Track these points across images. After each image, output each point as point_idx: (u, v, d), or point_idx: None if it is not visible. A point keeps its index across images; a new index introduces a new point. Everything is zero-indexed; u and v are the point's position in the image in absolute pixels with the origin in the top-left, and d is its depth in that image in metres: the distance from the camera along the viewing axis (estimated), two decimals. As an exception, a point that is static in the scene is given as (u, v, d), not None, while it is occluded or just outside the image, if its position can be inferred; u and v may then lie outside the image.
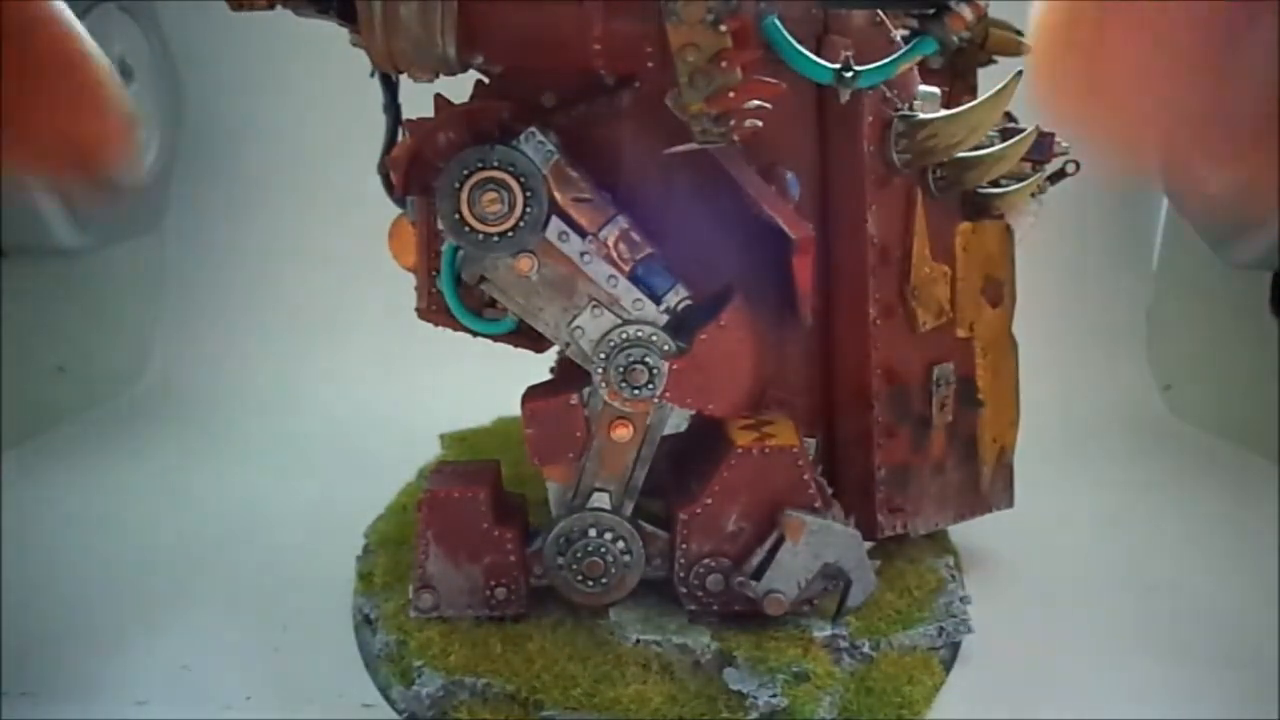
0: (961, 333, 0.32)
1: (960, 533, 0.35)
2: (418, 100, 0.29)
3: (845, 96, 0.25)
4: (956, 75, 0.37)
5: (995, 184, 0.32)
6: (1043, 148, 0.31)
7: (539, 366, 0.35)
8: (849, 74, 0.24)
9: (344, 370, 0.53)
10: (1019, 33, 0.37)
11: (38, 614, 0.32)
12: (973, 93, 0.37)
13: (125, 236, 0.56)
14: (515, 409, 0.29)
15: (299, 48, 0.33)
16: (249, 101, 0.60)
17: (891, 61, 0.25)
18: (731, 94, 0.23)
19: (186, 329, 0.58)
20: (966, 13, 0.23)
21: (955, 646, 0.30)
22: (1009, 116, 0.32)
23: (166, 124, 0.60)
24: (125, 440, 0.50)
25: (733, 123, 0.24)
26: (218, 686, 0.29)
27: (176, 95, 0.60)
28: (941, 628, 0.29)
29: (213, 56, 0.59)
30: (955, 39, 0.24)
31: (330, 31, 0.27)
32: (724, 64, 0.22)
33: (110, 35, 0.53)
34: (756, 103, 0.23)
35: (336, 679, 0.29)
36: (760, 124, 0.24)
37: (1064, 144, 0.32)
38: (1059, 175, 0.33)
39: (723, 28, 0.22)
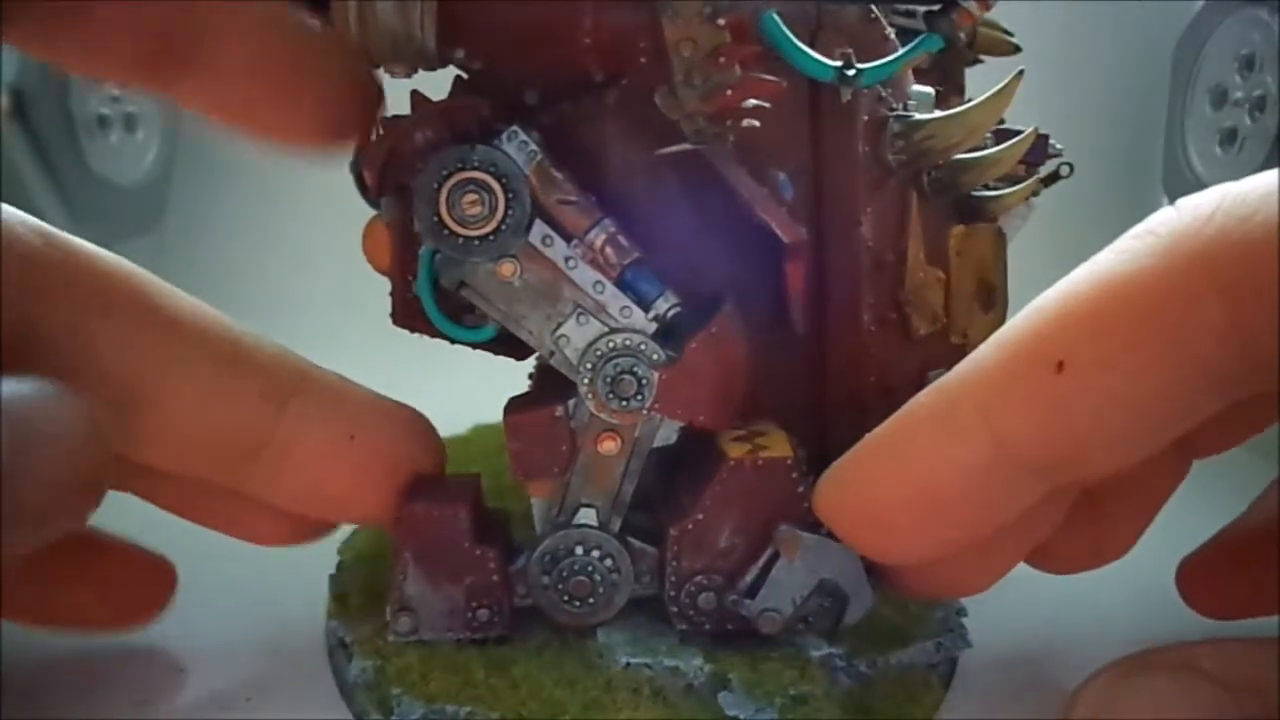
0: (955, 338, 0.31)
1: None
2: (394, 96, 0.28)
3: (847, 95, 0.24)
4: (945, 76, 0.36)
5: (988, 187, 0.31)
6: (1038, 150, 0.31)
7: (517, 374, 0.34)
8: (851, 72, 0.23)
9: (357, 364, 0.53)
10: (1008, 32, 0.37)
11: None
12: (960, 93, 0.36)
13: (124, 236, 0.55)
14: (493, 417, 0.28)
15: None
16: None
17: (895, 59, 0.24)
18: (729, 92, 0.22)
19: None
20: (976, 9, 0.22)
21: (953, 662, 0.29)
22: (1000, 119, 0.32)
23: (166, 124, 0.59)
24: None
25: (729, 122, 0.23)
26: (218, 687, 0.28)
27: (176, 95, 0.59)
28: (939, 643, 0.28)
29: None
30: (962, 36, 0.23)
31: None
32: (721, 60, 0.21)
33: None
34: (754, 102, 0.22)
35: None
36: (757, 124, 0.23)
37: (1059, 146, 0.32)
38: (1053, 178, 0.32)
39: (720, 22, 0.21)
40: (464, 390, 0.40)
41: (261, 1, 0.24)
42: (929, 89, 0.30)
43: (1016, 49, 0.37)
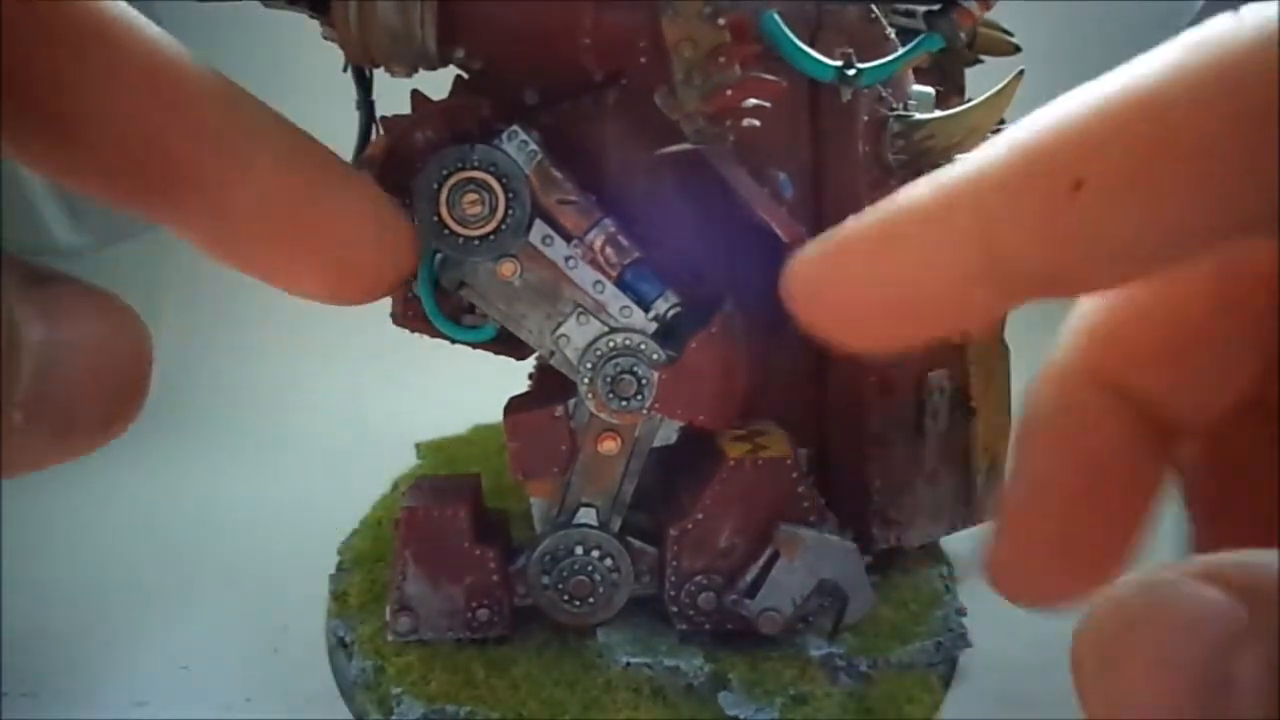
0: (955, 338, 0.31)
1: (950, 542, 0.35)
2: (394, 96, 0.27)
3: (847, 95, 0.24)
4: (945, 75, 0.36)
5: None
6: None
7: (517, 374, 0.34)
8: (851, 71, 0.23)
9: (358, 364, 0.53)
10: (1008, 32, 0.37)
11: (38, 614, 0.32)
12: (960, 93, 0.36)
13: (125, 236, 0.55)
14: (492, 416, 0.28)
15: (299, 48, 0.32)
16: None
17: (895, 59, 0.24)
18: (729, 92, 0.22)
19: (186, 329, 0.57)
20: (976, 9, 0.22)
21: (953, 662, 0.29)
22: (1000, 119, 0.32)
23: None
24: (125, 440, 0.49)
25: (729, 122, 0.23)
26: (218, 687, 0.29)
27: (176, 95, 0.59)
28: (939, 643, 0.28)
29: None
30: (962, 36, 0.23)
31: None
32: (722, 60, 0.21)
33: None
34: (754, 102, 0.22)
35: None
36: (758, 123, 0.23)
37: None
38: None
39: (721, 22, 0.21)
40: (464, 390, 0.40)
41: (282, 130, 0.20)
42: (929, 89, 0.30)
43: (1016, 49, 0.37)
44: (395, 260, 0.21)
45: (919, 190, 0.19)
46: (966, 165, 0.18)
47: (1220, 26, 0.15)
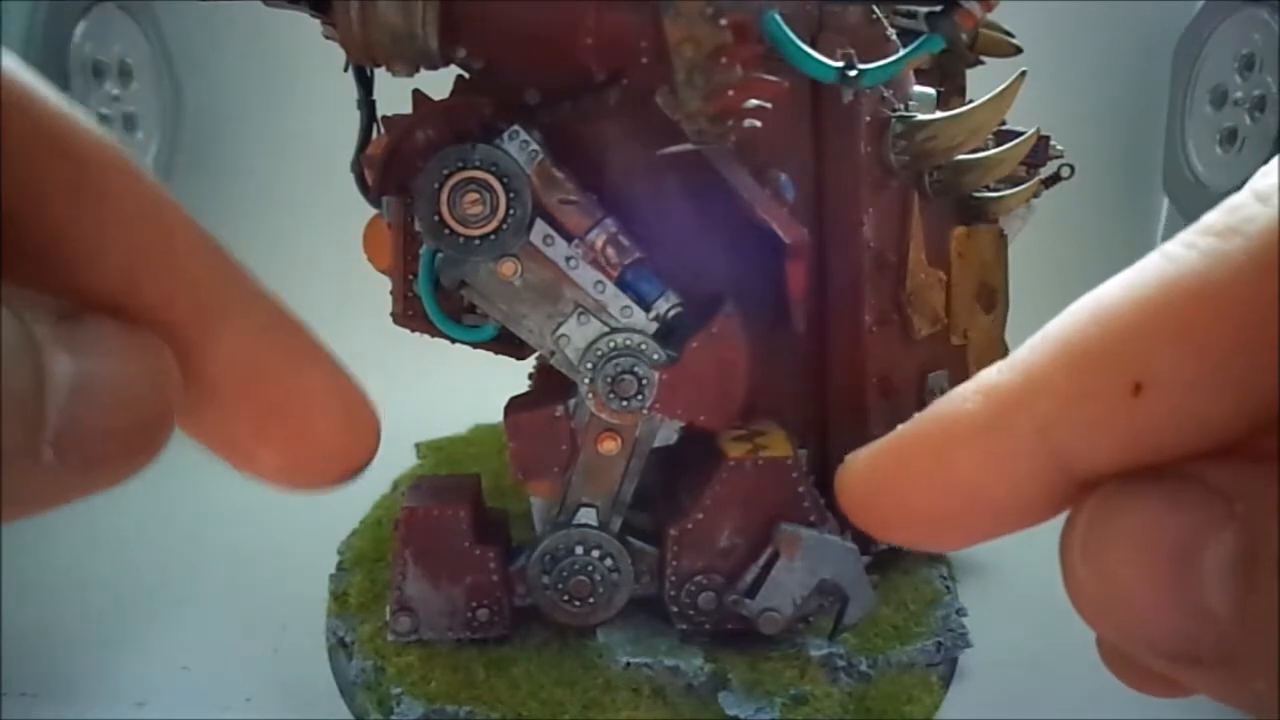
0: (956, 340, 0.31)
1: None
2: (395, 96, 0.27)
3: (849, 96, 0.24)
4: (946, 76, 0.36)
5: (989, 188, 0.31)
6: (1039, 151, 0.30)
7: (517, 374, 0.34)
8: (853, 72, 0.23)
9: (357, 364, 0.53)
10: (1008, 33, 0.37)
11: (38, 614, 0.32)
12: (962, 94, 0.36)
13: None
14: (493, 416, 0.28)
15: (299, 48, 0.32)
16: (248, 101, 0.59)
17: (897, 60, 0.24)
18: (731, 92, 0.22)
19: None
20: (978, 10, 0.22)
21: (953, 663, 0.29)
22: (1001, 120, 0.32)
23: (166, 124, 0.60)
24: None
25: (731, 123, 0.23)
26: (217, 687, 0.29)
27: (176, 95, 0.60)
28: (939, 643, 0.28)
29: (212, 56, 0.58)
30: (965, 37, 0.23)
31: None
32: (723, 60, 0.21)
33: (110, 35, 0.52)
34: (756, 102, 0.22)
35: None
36: (759, 124, 0.23)
37: (1059, 147, 0.31)
38: (1054, 179, 0.32)
39: (723, 22, 0.21)
40: (464, 390, 0.40)
41: (260, 292, 0.18)
42: (930, 90, 0.30)
43: (1018, 50, 0.37)
44: (355, 444, 0.19)
45: (967, 399, 0.18)
46: (1014, 370, 0.17)
47: (1246, 212, 0.15)
